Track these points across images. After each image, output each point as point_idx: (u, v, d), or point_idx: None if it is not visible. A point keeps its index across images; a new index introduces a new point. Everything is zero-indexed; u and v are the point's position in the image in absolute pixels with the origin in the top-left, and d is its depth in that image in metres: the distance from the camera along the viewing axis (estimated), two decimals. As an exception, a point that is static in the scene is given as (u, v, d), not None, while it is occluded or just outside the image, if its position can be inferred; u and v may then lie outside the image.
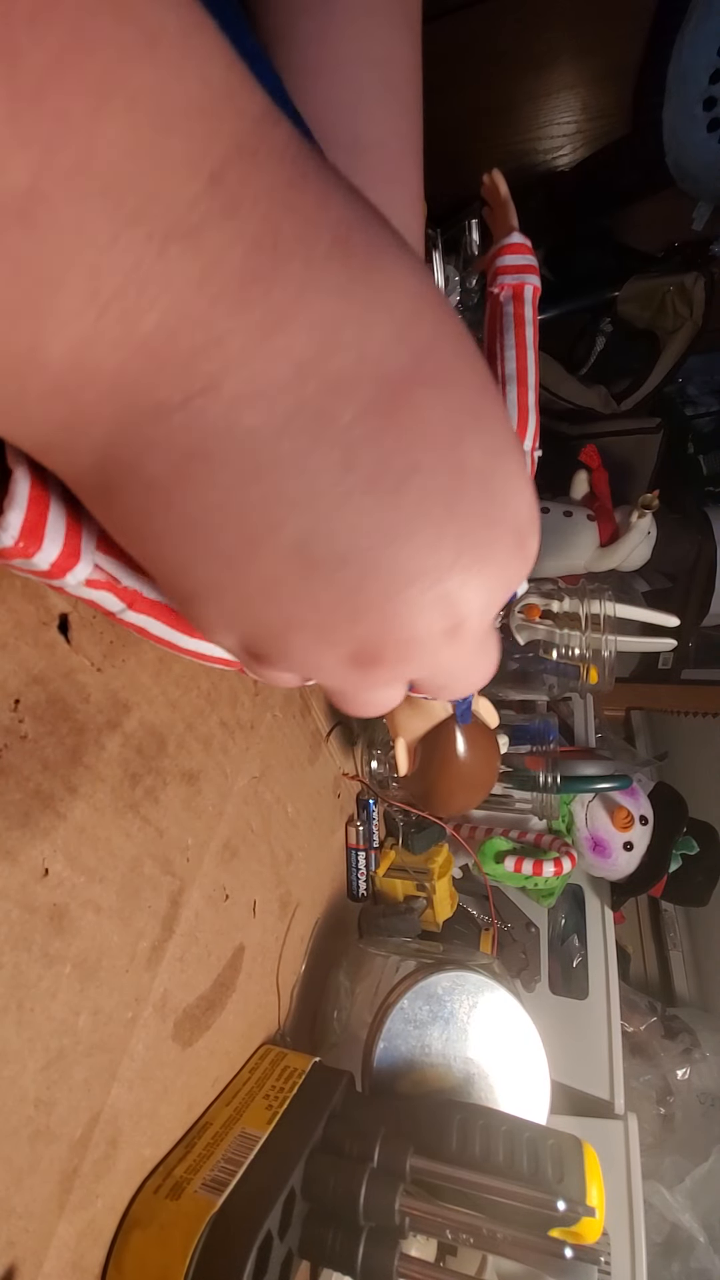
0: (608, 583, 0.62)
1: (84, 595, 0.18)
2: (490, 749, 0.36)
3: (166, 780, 0.27)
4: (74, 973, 0.22)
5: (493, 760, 0.37)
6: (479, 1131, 0.34)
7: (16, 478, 0.15)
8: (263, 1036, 0.38)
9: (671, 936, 1.07)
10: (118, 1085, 0.25)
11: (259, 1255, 0.25)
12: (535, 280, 0.36)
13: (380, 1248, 0.29)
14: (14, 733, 0.20)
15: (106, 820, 0.24)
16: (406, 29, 0.26)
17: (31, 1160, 0.21)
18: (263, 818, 0.37)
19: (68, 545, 0.16)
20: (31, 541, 0.16)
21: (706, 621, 1.06)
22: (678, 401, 1.22)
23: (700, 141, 0.84)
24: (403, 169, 0.28)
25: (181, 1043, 0.30)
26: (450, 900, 0.57)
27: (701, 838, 0.76)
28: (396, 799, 0.56)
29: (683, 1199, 0.73)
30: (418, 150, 0.28)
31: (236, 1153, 0.29)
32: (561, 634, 0.57)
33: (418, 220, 0.30)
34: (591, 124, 0.93)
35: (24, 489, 0.15)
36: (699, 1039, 0.85)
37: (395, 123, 0.27)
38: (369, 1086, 0.39)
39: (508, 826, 0.61)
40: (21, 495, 0.15)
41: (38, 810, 0.21)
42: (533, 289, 0.35)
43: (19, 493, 0.15)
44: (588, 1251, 0.29)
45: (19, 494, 0.15)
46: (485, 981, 0.40)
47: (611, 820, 0.70)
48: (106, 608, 0.19)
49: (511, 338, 0.35)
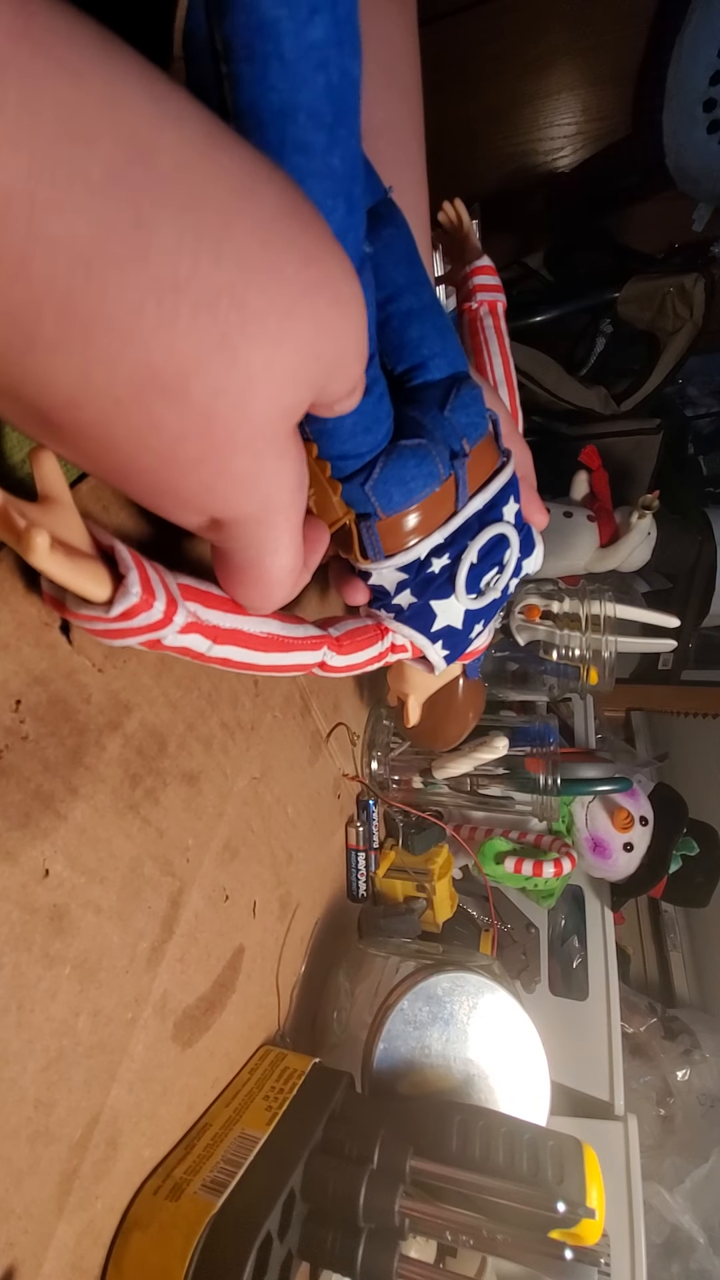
0: (608, 583, 0.62)
1: (178, 644, 0.21)
2: (479, 689, 0.44)
3: (167, 781, 0.27)
4: (74, 973, 0.22)
5: (481, 690, 0.44)
6: (479, 1133, 0.34)
7: (118, 548, 0.19)
8: (262, 1037, 0.38)
9: (671, 937, 1.07)
10: (117, 1086, 0.25)
11: (259, 1256, 0.25)
12: (504, 298, 0.42)
13: (380, 1249, 0.29)
14: (15, 733, 0.20)
15: (107, 821, 0.24)
16: (402, 12, 0.26)
17: (31, 1161, 0.21)
18: (263, 818, 0.37)
19: (168, 595, 0.20)
20: (149, 593, 0.19)
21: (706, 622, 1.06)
22: (678, 402, 1.23)
23: (700, 143, 0.84)
24: (408, 152, 0.28)
25: (181, 1044, 0.30)
26: (450, 901, 0.57)
27: (701, 839, 0.76)
28: (396, 800, 0.56)
29: (683, 1200, 0.73)
30: (420, 133, 0.28)
31: (236, 1154, 0.29)
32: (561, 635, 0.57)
33: (424, 203, 0.30)
34: (591, 125, 0.93)
35: (127, 554, 0.19)
36: (699, 1040, 0.84)
37: (398, 106, 0.27)
38: (369, 1087, 0.39)
39: (508, 827, 0.61)
40: (128, 559, 0.19)
41: (38, 811, 0.21)
42: (502, 305, 0.42)
43: (125, 558, 0.19)
44: (588, 1253, 0.29)
45: (125, 558, 0.19)
46: (485, 982, 0.40)
47: (612, 821, 0.70)
48: (196, 650, 0.22)
49: (496, 348, 0.40)
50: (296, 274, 0.14)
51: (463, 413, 0.24)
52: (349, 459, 0.23)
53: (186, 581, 0.21)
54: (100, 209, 0.11)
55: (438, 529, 0.25)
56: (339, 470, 0.24)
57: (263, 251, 0.13)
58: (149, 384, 0.13)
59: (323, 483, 0.24)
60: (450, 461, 0.24)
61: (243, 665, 0.24)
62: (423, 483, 0.24)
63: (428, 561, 0.26)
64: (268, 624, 0.24)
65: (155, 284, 0.12)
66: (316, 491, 0.25)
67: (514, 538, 0.28)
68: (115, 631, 0.19)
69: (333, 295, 0.15)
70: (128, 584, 0.18)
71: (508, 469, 0.27)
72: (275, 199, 0.13)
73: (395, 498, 0.24)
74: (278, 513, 0.18)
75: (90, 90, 0.11)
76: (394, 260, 0.23)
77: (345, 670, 0.29)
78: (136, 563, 0.19)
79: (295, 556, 0.20)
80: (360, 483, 0.23)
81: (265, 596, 0.21)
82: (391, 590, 0.27)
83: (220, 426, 0.14)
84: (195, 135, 0.12)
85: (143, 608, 0.19)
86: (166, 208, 0.12)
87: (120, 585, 0.18)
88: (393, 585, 0.27)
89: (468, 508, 0.26)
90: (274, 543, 0.19)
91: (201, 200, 0.12)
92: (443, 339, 0.24)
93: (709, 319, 1.00)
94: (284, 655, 0.25)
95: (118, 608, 0.18)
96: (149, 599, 0.19)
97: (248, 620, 0.23)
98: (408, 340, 0.24)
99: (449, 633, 0.29)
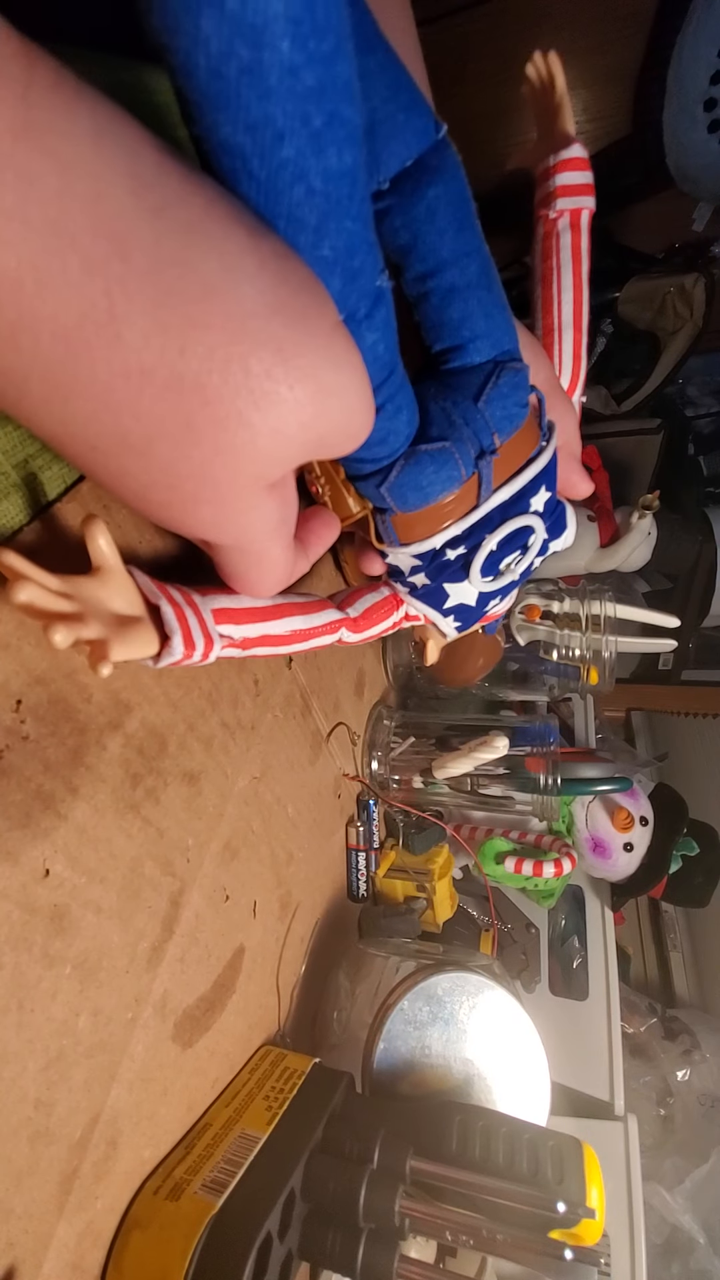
0: (608, 583, 0.62)
1: (215, 658, 0.23)
2: (495, 641, 0.46)
3: (167, 781, 0.27)
4: (74, 973, 0.22)
5: (498, 645, 0.46)
6: (479, 1133, 0.34)
7: (163, 607, 0.20)
8: (263, 1037, 0.38)
9: (671, 938, 1.06)
10: (117, 1086, 0.25)
11: (258, 1256, 0.25)
12: (592, 203, 0.30)
13: (380, 1249, 0.29)
14: (16, 733, 0.20)
15: (107, 821, 0.24)
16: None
17: (31, 1161, 0.21)
18: (263, 818, 0.37)
19: (206, 637, 0.22)
20: (190, 647, 0.21)
21: (706, 622, 1.06)
22: (678, 402, 1.22)
23: (700, 142, 0.84)
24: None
25: (181, 1044, 0.29)
26: (450, 901, 0.57)
27: (701, 839, 0.76)
28: (397, 800, 0.56)
29: (683, 1200, 0.73)
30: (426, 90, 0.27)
31: (236, 1154, 0.29)
32: (562, 635, 0.57)
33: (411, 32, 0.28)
34: (592, 125, 0.93)
35: (170, 613, 0.20)
36: (699, 1040, 0.84)
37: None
38: (369, 1087, 0.39)
39: (508, 827, 0.61)
40: (171, 618, 0.20)
41: (39, 811, 0.21)
42: (589, 213, 0.30)
43: (169, 618, 0.20)
44: (587, 1253, 0.29)
45: (170, 619, 0.20)
46: (485, 982, 0.40)
47: (612, 821, 0.70)
48: (230, 657, 0.24)
49: (570, 277, 0.31)
50: (269, 369, 0.14)
51: (499, 404, 0.23)
52: (365, 463, 0.23)
53: (219, 604, 0.23)
54: (78, 298, 0.12)
55: (455, 523, 0.25)
56: (355, 469, 0.23)
57: (231, 346, 0.14)
58: (119, 442, 0.14)
59: (337, 483, 0.24)
60: (475, 461, 0.24)
61: (269, 656, 0.28)
62: (441, 487, 0.23)
63: (442, 551, 0.26)
64: (290, 622, 0.26)
65: (124, 365, 0.13)
66: (331, 489, 0.25)
67: (539, 526, 0.27)
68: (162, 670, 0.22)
69: (314, 388, 0.15)
70: (172, 647, 0.20)
71: (544, 455, 0.26)
72: (254, 296, 0.14)
73: (411, 500, 0.24)
74: (256, 544, 0.19)
75: (77, 186, 0.12)
76: (438, 229, 0.21)
77: (363, 641, 0.31)
78: (180, 621, 0.20)
79: (282, 567, 0.22)
80: (376, 484, 0.23)
81: (254, 592, 0.23)
82: (406, 571, 0.28)
83: (187, 485, 0.16)
84: (174, 229, 0.13)
85: (186, 658, 0.21)
86: (138, 301, 0.13)
87: (166, 645, 0.20)
88: (408, 567, 0.27)
89: (490, 501, 0.25)
90: (256, 562, 0.20)
91: (171, 298, 0.13)
92: (488, 319, 0.23)
93: (709, 319, 1.00)
94: (306, 643, 0.27)
95: (164, 663, 0.20)
96: (190, 652, 0.21)
97: (273, 624, 0.25)
98: (448, 320, 0.23)
99: (461, 609, 0.29)
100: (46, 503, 0.20)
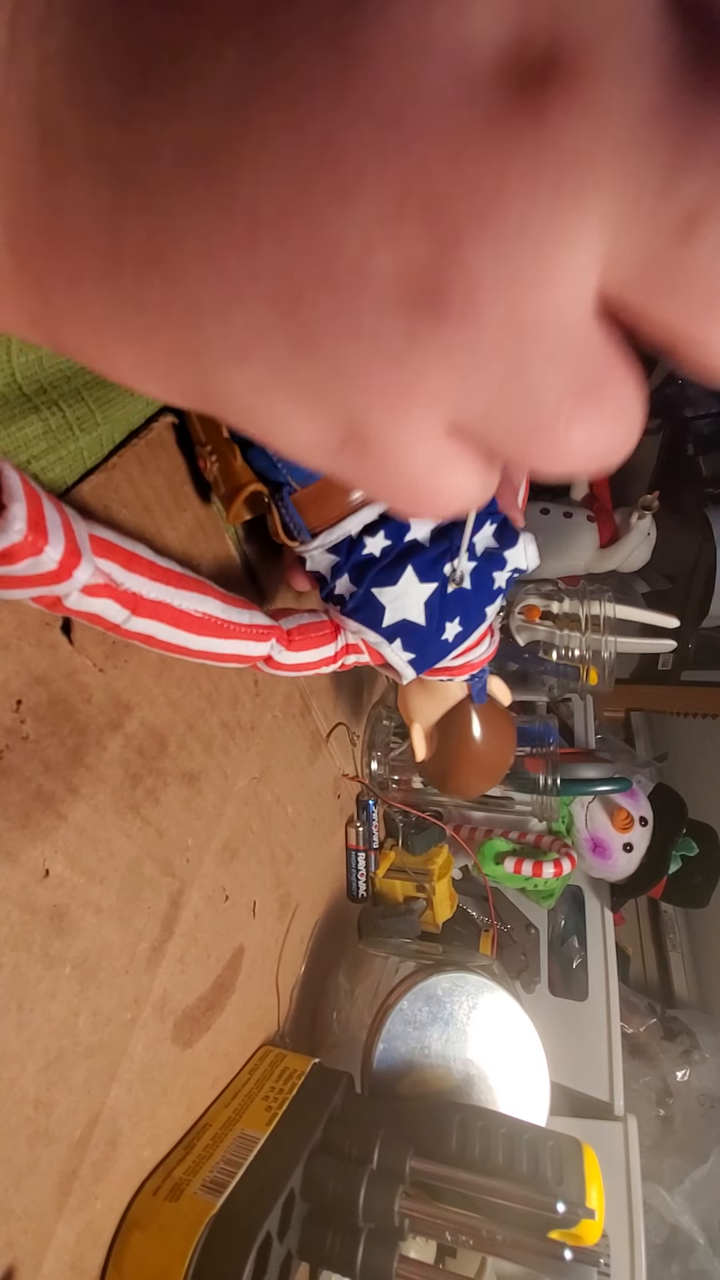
0: (607, 584, 0.62)
1: (84, 608, 0.18)
2: (506, 727, 0.35)
3: (167, 781, 0.27)
4: (74, 974, 0.22)
5: (509, 739, 0.36)
6: (478, 1133, 0.34)
7: (6, 473, 0.15)
8: (262, 1037, 0.38)
9: (671, 938, 1.07)
10: (117, 1086, 0.25)
11: (258, 1257, 0.25)
12: None
13: (380, 1249, 0.29)
14: (16, 734, 0.20)
15: (107, 821, 0.24)
16: None
17: (31, 1161, 0.21)
18: (263, 818, 0.37)
19: (69, 542, 0.16)
20: (39, 535, 0.15)
21: (706, 623, 1.06)
22: (678, 403, 1.22)
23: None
24: None
25: (181, 1044, 0.29)
26: (450, 901, 0.57)
27: (701, 839, 0.76)
28: (396, 800, 0.56)
29: (682, 1201, 0.73)
30: None
31: (236, 1154, 0.29)
32: (561, 635, 0.57)
33: None
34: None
35: (17, 483, 0.15)
36: (698, 1040, 0.84)
37: None
38: (368, 1088, 0.39)
39: (507, 828, 0.61)
40: (17, 488, 0.15)
41: (39, 811, 0.21)
42: None
43: (13, 485, 0.15)
44: (587, 1253, 0.29)
45: (13, 487, 0.15)
46: (485, 983, 0.40)
47: (611, 822, 0.70)
48: (109, 619, 0.19)
49: None
50: None
51: None
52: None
53: (106, 536, 0.18)
54: None
55: (369, 503, 0.23)
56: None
57: None
58: None
59: (221, 445, 0.22)
60: None
61: (169, 646, 0.20)
62: None
63: (360, 541, 0.23)
64: (206, 602, 0.21)
65: None
66: (219, 456, 0.22)
67: (476, 520, 0.24)
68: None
69: None
70: (8, 517, 0.15)
71: None
72: None
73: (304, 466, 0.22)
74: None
75: None
76: None
77: (294, 669, 0.26)
78: (29, 495, 0.15)
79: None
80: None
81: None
82: (328, 576, 0.24)
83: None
84: None
85: (28, 550, 0.15)
86: None
87: (1, 516, 0.15)
88: (327, 570, 0.24)
89: None
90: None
91: None
92: None
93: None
94: (221, 642, 0.22)
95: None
96: (37, 541, 0.15)
97: (180, 595, 0.20)
98: None
99: (407, 629, 0.25)
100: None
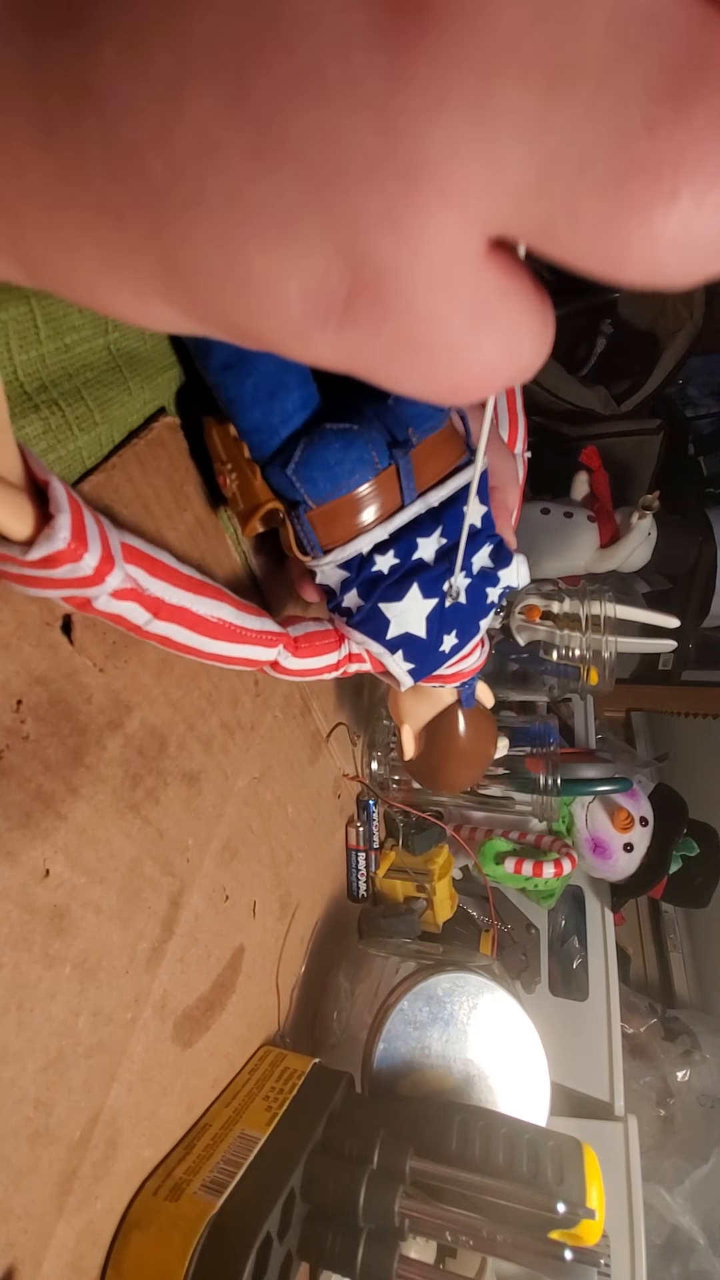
0: (608, 584, 0.62)
1: (111, 610, 0.19)
2: (489, 727, 0.38)
3: (167, 781, 0.27)
4: (74, 973, 0.22)
5: (492, 736, 0.39)
6: (479, 1133, 0.34)
7: (54, 484, 0.16)
8: (262, 1037, 0.38)
9: (672, 938, 1.06)
10: (117, 1086, 0.25)
11: (258, 1257, 0.25)
12: None
13: (380, 1249, 0.29)
14: (16, 733, 0.20)
15: (107, 821, 0.24)
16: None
17: (31, 1161, 0.21)
18: (263, 818, 0.37)
19: (104, 549, 0.17)
20: (80, 543, 0.17)
21: (706, 623, 1.06)
22: (678, 403, 1.22)
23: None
24: None
25: (181, 1044, 0.29)
26: (450, 901, 0.57)
27: (701, 839, 0.76)
28: (396, 800, 0.56)
29: (683, 1201, 0.73)
30: None
31: (236, 1154, 0.29)
32: (562, 635, 0.57)
33: None
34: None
35: (63, 494, 0.16)
36: (699, 1041, 0.84)
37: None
38: (369, 1088, 0.39)
39: (508, 828, 0.61)
40: (62, 499, 0.16)
41: (39, 811, 0.21)
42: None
43: (59, 497, 0.16)
44: (587, 1254, 0.29)
45: (59, 498, 0.16)
46: (485, 983, 0.40)
47: (612, 822, 0.70)
48: (132, 621, 0.20)
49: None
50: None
51: (412, 403, 0.23)
52: (262, 433, 0.22)
53: (133, 543, 0.19)
54: None
55: (380, 523, 0.24)
56: (258, 449, 0.23)
57: None
58: None
59: (242, 464, 0.23)
60: (389, 450, 0.23)
61: (184, 648, 0.22)
62: (351, 469, 0.23)
63: (370, 559, 0.24)
64: (221, 608, 0.22)
65: None
66: (238, 474, 0.24)
67: (477, 542, 0.26)
68: (34, 579, 0.17)
69: None
70: (55, 526, 0.16)
71: (472, 468, 0.25)
72: None
73: (321, 484, 0.23)
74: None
75: None
76: None
77: (299, 675, 0.28)
78: (73, 506, 0.16)
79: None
80: (281, 465, 0.22)
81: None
82: (337, 590, 0.25)
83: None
84: None
85: (69, 557, 0.16)
86: None
87: (47, 526, 0.16)
88: (337, 584, 0.25)
89: (417, 503, 0.24)
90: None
91: None
92: None
93: (709, 319, 1.00)
94: (233, 646, 0.23)
95: (38, 551, 0.16)
96: (78, 549, 0.17)
97: (199, 600, 0.21)
98: None
99: (409, 641, 0.27)
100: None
